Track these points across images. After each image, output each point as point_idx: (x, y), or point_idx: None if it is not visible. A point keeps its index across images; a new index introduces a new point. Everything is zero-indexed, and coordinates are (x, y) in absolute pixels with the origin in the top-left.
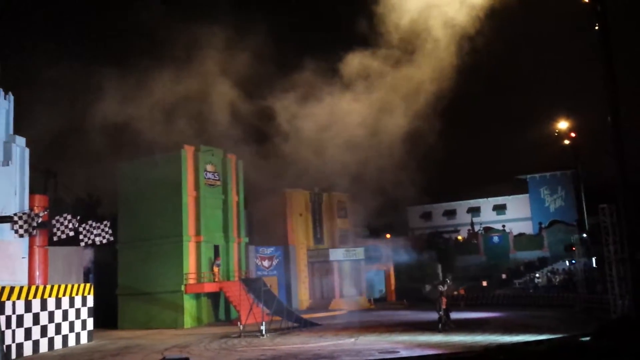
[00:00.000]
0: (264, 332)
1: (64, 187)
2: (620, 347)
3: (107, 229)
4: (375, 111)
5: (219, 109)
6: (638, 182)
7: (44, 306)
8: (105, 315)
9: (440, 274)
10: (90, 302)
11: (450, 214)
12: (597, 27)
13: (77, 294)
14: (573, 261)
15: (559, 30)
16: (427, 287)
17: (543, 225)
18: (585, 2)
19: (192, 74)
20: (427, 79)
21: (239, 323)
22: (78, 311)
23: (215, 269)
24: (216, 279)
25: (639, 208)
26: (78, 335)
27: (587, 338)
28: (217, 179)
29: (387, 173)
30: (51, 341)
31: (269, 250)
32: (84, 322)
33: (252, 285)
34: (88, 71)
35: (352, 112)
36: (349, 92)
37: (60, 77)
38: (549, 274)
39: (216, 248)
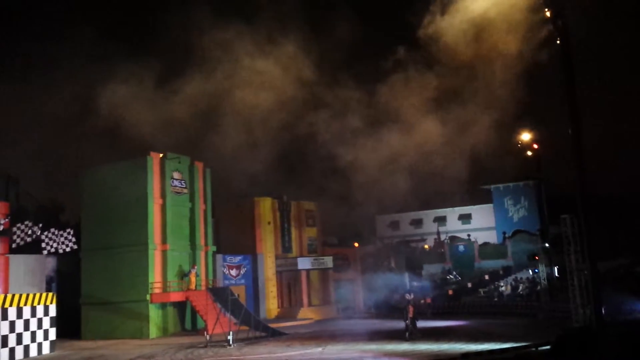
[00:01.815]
0: (231, 342)
1: (25, 193)
2: (579, 355)
3: (70, 237)
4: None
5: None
6: (598, 193)
7: (4, 316)
8: (68, 325)
9: (408, 283)
10: (52, 311)
11: (417, 223)
12: (558, 41)
13: (39, 304)
14: (536, 270)
15: (524, 41)
16: (395, 296)
17: (507, 235)
18: (547, 17)
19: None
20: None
21: (205, 333)
22: (40, 321)
23: (192, 277)
24: (192, 287)
25: (599, 218)
26: (40, 345)
27: (547, 347)
28: (184, 186)
29: (358, 182)
30: (12, 351)
31: (237, 259)
32: (46, 332)
33: (219, 294)
34: (54, 72)
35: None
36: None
37: (23, 79)
38: (512, 282)
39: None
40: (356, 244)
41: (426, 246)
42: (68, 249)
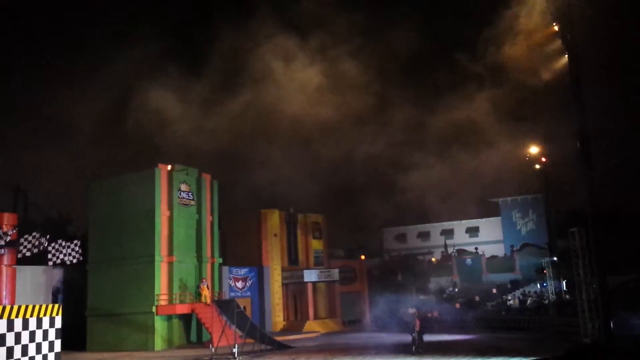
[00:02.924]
0: (236, 355)
1: (33, 205)
2: None
3: (77, 248)
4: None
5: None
6: (607, 206)
7: (10, 327)
8: (74, 337)
9: (414, 296)
10: (58, 323)
11: (424, 235)
12: (566, 55)
13: (45, 315)
14: (544, 284)
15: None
16: (402, 310)
17: (515, 248)
18: (555, 31)
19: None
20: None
21: (210, 345)
22: (46, 332)
23: (205, 290)
24: (204, 300)
25: (608, 232)
26: (45, 357)
27: None
28: (191, 198)
29: (363, 195)
30: None
31: (243, 271)
32: (51, 344)
33: (225, 306)
34: (65, 84)
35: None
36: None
37: (34, 91)
38: (520, 296)
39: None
40: (363, 257)
41: (433, 259)
42: (75, 261)
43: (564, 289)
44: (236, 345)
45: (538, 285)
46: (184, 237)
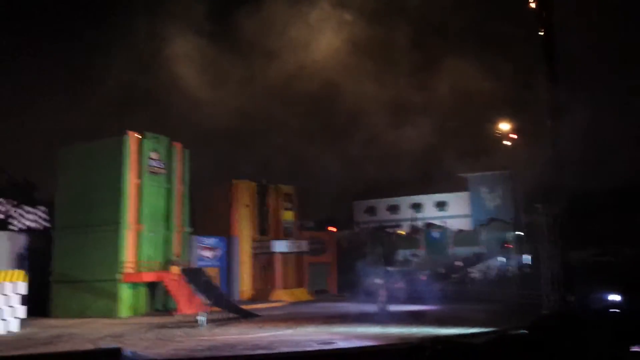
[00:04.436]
0: (203, 323)
1: None
2: (554, 340)
3: (43, 215)
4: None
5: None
6: (572, 183)
7: None
8: (39, 304)
9: (382, 268)
10: (22, 289)
11: (394, 209)
12: (541, 33)
13: (8, 280)
14: (508, 258)
15: (504, 30)
16: (368, 280)
17: (482, 223)
18: (532, 8)
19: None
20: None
21: (176, 313)
22: (8, 298)
23: (176, 268)
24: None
25: (572, 208)
26: (7, 323)
27: (523, 331)
28: (162, 167)
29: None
30: None
31: (212, 241)
32: (14, 310)
33: (193, 275)
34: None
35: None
36: None
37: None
38: (484, 269)
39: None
40: (333, 229)
41: (402, 232)
42: (40, 227)
43: (527, 262)
44: (202, 313)
45: (501, 258)
46: (153, 205)
